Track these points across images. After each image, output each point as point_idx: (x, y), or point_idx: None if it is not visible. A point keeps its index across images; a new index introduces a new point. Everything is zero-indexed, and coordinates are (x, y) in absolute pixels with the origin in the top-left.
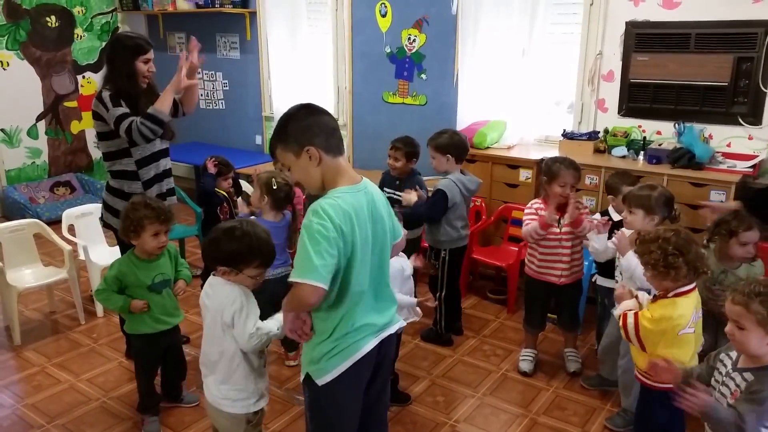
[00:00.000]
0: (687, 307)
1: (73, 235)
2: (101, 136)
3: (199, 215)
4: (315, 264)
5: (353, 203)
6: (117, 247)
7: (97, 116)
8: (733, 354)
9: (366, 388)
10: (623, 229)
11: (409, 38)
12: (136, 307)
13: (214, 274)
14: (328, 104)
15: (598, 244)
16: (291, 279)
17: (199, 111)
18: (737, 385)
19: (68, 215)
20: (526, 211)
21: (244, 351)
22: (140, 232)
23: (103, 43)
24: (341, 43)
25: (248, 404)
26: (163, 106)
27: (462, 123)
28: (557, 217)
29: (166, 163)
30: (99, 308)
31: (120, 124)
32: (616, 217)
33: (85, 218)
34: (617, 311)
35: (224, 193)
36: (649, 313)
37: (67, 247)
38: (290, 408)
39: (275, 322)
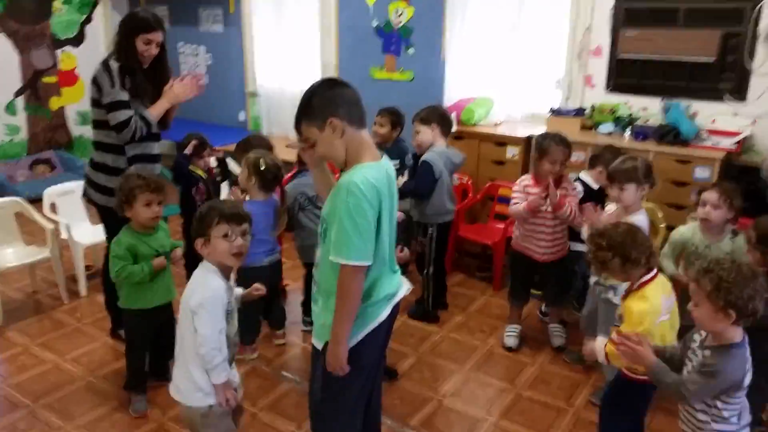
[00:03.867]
0: (656, 295)
1: (55, 213)
2: (95, 103)
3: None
4: (356, 243)
5: (378, 178)
6: (100, 226)
7: (95, 83)
8: (704, 332)
9: None
10: (608, 207)
11: (396, 12)
12: (159, 264)
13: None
14: (314, 80)
15: None
16: (333, 259)
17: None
18: (697, 362)
19: (50, 193)
20: (514, 188)
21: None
22: (133, 203)
23: (83, 17)
24: (327, 17)
25: (198, 398)
26: (159, 112)
27: (449, 99)
28: (544, 198)
29: (154, 147)
30: (82, 287)
31: (117, 111)
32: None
33: (67, 196)
34: (600, 355)
35: (201, 173)
36: (626, 318)
37: (50, 226)
38: (278, 384)
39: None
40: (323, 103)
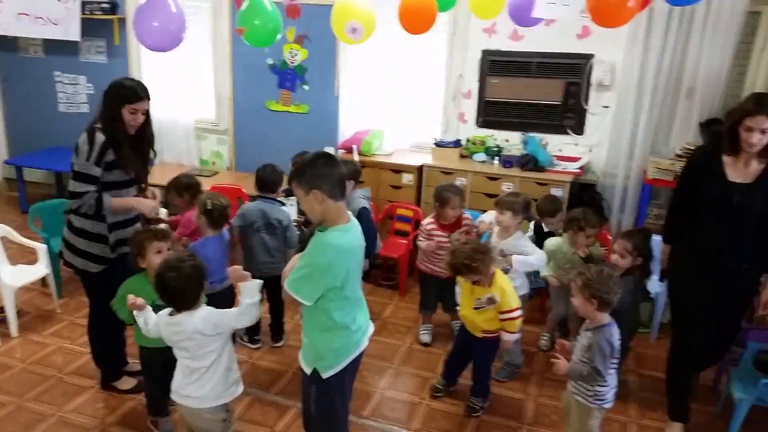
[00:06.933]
0: (502, 275)
1: None
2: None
3: None
4: (303, 288)
5: (347, 239)
6: (21, 266)
7: (76, 149)
8: (588, 321)
9: None
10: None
11: (291, 53)
12: (131, 304)
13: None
14: (208, 109)
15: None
16: (285, 286)
17: (60, 115)
18: (584, 343)
19: None
20: (420, 230)
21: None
22: (144, 254)
23: None
24: (221, 53)
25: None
26: (118, 207)
27: (343, 131)
28: (447, 234)
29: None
30: (13, 328)
31: (78, 181)
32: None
33: None
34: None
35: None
36: (504, 297)
37: None
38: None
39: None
40: (314, 175)
